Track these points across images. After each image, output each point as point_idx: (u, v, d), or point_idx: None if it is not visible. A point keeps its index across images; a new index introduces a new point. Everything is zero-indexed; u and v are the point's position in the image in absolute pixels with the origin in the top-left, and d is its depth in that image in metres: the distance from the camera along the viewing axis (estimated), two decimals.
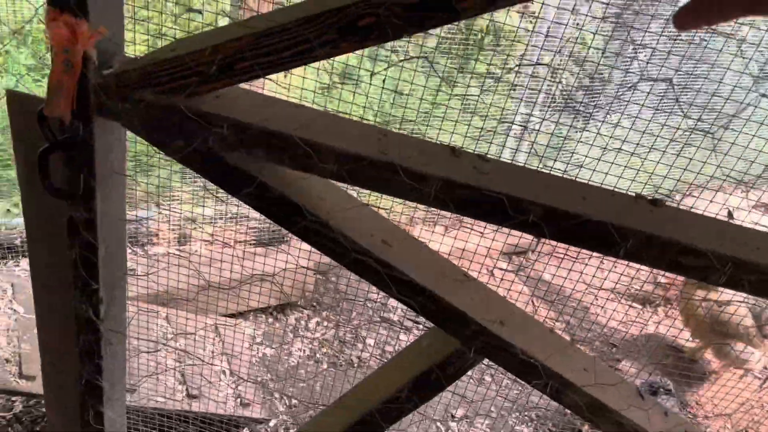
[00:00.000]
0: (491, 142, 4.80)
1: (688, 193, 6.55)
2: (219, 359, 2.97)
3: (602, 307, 4.51)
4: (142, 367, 2.62)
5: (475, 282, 1.35)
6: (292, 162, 1.10)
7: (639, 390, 1.45)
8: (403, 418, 1.48)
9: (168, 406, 2.55)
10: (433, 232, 4.44)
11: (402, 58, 3.87)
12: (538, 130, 4.41)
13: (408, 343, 1.53)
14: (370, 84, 2.54)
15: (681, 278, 4.74)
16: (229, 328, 3.16)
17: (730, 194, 7.07)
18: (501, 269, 4.46)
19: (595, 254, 1.16)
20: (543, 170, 1.18)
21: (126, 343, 1.68)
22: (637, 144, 3.57)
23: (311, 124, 1.10)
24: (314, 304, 3.84)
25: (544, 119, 4.51)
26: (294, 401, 3.10)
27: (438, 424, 3.15)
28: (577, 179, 1.16)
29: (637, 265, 1.29)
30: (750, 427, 3.61)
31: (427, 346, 1.39)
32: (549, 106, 4.51)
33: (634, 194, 1.16)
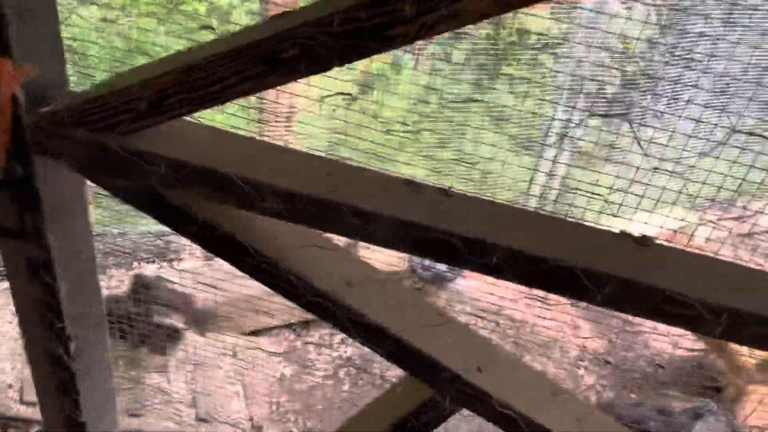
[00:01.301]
0: (529, 150, 4.62)
1: (755, 196, 6.13)
2: (233, 380, 2.95)
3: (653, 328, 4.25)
4: (150, 391, 2.62)
5: (454, 323, 1.24)
6: (233, 200, 1.03)
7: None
8: None
9: (177, 429, 2.54)
10: None
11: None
12: (578, 138, 4.21)
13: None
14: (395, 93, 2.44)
15: None
16: (245, 347, 3.13)
17: None
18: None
19: None
20: (516, 205, 1.06)
21: (110, 377, 1.65)
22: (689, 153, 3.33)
23: (253, 160, 1.03)
24: None
25: (582, 124, 4.30)
26: (310, 423, 3.04)
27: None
28: (554, 215, 1.04)
29: None
30: None
31: (402, 393, 1.29)
32: (590, 110, 4.29)
33: (618, 231, 1.03)
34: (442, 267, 4.17)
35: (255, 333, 3.52)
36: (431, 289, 4.21)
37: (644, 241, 1.01)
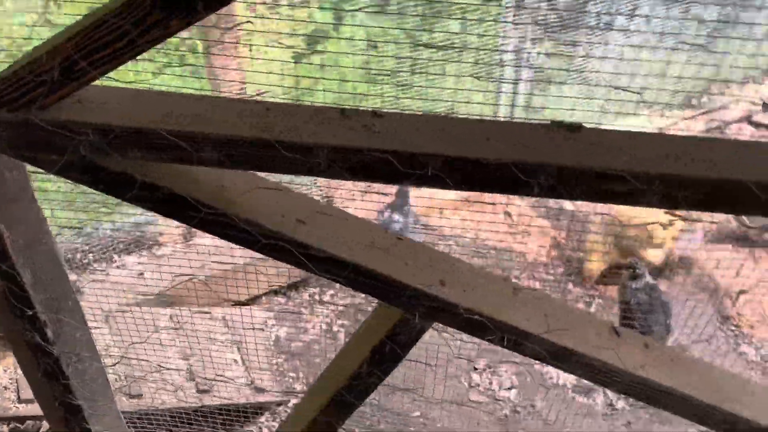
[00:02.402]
0: (489, 78, 4.60)
1: (718, 93, 6.19)
2: (229, 349, 3.00)
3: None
4: (147, 370, 2.66)
5: (411, 243, 1.27)
6: (169, 157, 1.03)
7: (614, 328, 1.35)
8: (371, 392, 1.44)
9: (180, 404, 2.59)
10: None
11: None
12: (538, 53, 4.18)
13: None
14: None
15: None
16: (238, 316, 3.17)
17: (761, 84, 6.64)
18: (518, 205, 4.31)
19: None
20: (447, 115, 1.07)
21: (97, 357, 1.67)
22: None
23: (180, 113, 1.03)
24: None
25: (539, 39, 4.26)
26: (311, 377, 3.11)
27: (461, 378, 3.11)
28: (484, 118, 1.05)
29: None
30: None
31: (376, 320, 1.33)
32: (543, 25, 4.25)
33: (549, 122, 1.05)
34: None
35: (246, 303, 3.56)
36: None
37: (575, 127, 1.03)
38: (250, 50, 3.77)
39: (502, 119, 1.10)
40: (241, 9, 3.76)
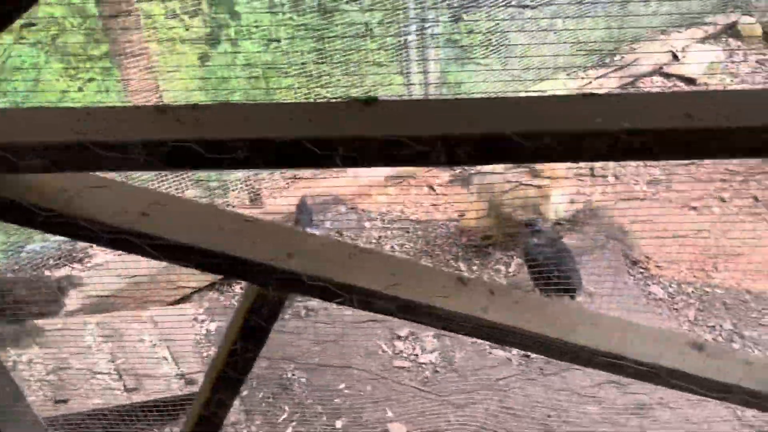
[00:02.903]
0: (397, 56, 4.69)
1: (630, 51, 6.42)
2: (158, 348, 3.07)
3: None
4: (74, 376, 2.72)
5: (259, 223, 1.37)
6: None
7: (460, 278, 1.47)
8: (251, 366, 1.54)
9: (109, 404, 2.66)
10: None
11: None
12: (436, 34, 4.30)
13: None
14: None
15: None
16: (167, 316, 3.24)
17: (671, 36, 6.90)
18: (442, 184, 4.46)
19: None
20: (257, 102, 1.17)
21: (7, 374, 1.73)
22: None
23: (3, 128, 1.10)
24: None
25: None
26: None
27: (383, 346, 3.25)
28: (283, 102, 1.15)
29: None
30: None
31: (243, 299, 1.43)
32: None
33: (347, 99, 1.15)
34: None
35: (178, 301, 3.62)
36: None
37: (371, 101, 1.14)
38: (158, 59, 3.80)
39: (322, 101, 1.19)
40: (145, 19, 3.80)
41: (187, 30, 3.86)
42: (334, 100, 1.14)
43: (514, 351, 3.06)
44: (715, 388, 1.52)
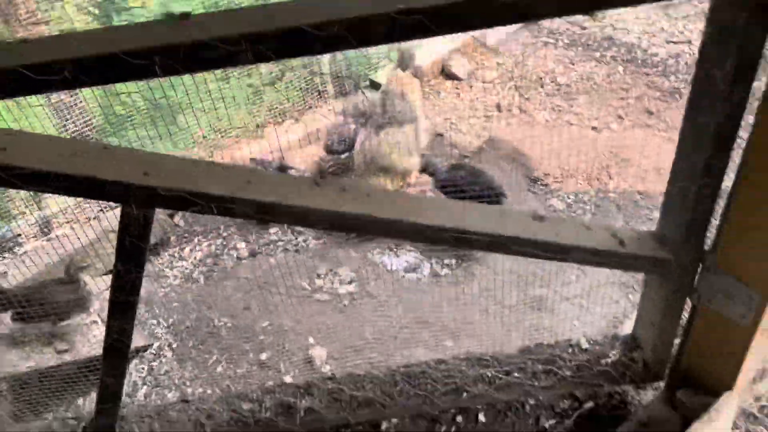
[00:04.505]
0: None
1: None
2: (88, 313, 3.18)
3: None
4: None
5: (120, 150, 1.49)
6: None
7: (315, 181, 1.62)
8: (139, 287, 1.66)
9: (40, 365, 2.77)
10: None
11: None
12: None
13: None
14: None
15: None
16: (102, 286, 3.34)
17: None
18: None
19: None
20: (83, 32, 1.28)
21: None
22: None
23: None
24: (185, 235, 4.00)
25: None
26: (171, 320, 3.33)
27: (304, 284, 3.42)
28: (110, 26, 1.27)
29: None
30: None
31: (118, 223, 1.54)
32: None
33: (163, 16, 1.27)
34: None
35: (108, 272, 3.71)
36: None
37: (185, 16, 1.27)
38: None
39: (141, 21, 1.29)
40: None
41: None
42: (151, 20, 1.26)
43: (426, 272, 3.26)
44: (553, 249, 1.72)
